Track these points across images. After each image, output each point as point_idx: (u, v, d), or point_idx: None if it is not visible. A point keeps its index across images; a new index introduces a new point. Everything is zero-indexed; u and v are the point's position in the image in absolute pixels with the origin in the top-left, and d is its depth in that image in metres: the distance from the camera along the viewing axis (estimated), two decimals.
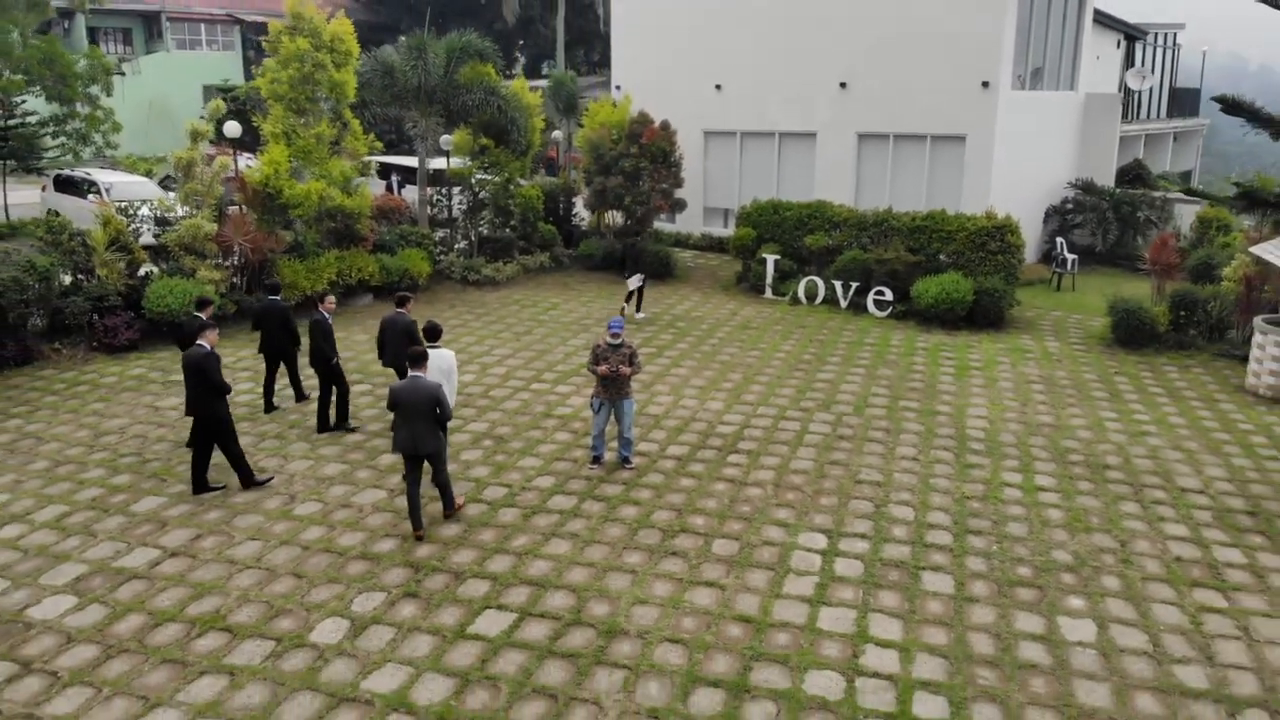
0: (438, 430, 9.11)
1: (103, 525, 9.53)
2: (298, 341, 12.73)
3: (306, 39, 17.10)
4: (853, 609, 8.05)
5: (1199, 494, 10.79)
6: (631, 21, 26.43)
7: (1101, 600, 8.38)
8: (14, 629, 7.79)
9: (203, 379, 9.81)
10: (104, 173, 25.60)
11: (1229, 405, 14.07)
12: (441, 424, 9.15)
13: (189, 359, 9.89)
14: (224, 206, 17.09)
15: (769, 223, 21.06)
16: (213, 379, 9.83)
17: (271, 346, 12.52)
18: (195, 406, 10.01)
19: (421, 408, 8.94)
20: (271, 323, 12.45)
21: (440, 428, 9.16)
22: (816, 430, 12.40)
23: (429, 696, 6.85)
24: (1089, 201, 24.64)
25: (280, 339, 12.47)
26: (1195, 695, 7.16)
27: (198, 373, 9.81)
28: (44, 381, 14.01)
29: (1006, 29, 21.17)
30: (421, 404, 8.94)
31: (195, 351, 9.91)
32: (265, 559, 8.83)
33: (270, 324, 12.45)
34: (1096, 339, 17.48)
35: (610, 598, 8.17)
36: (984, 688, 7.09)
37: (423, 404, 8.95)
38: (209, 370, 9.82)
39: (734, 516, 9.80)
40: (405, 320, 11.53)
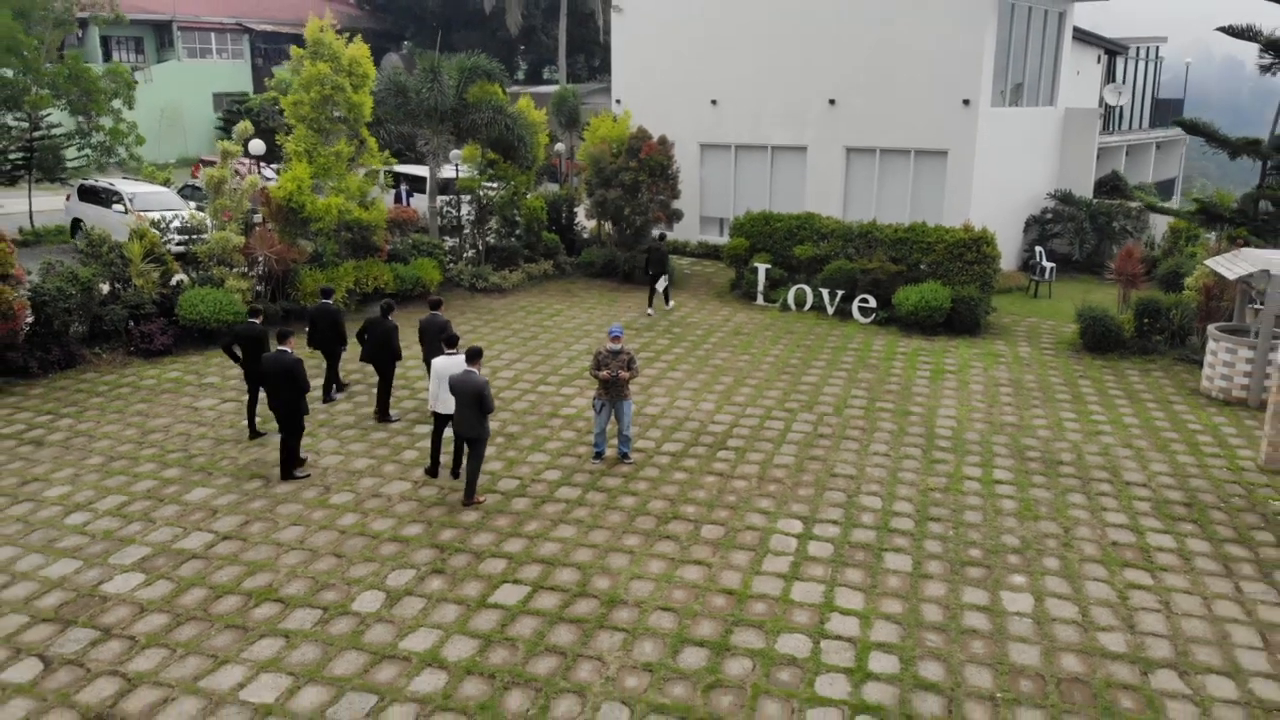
0: (483, 419, 10.58)
1: (160, 513, 10.72)
2: (344, 340, 14.22)
3: (327, 63, 18.26)
4: (821, 584, 9.24)
5: (1141, 487, 11.98)
6: (632, 40, 27.62)
7: (1041, 578, 9.57)
8: (91, 602, 8.97)
9: (290, 379, 11.15)
10: (127, 183, 26.75)
11: (1182, 406, 15.26)
12: (485, 414, 10.57)
13: (279, 362, 11.18)
14: (250, 220, 18.26)
15: (761, 233, 22.24)
16: (299, 379, 11.22)
17: (322, 343, 14.09)
18: (280, 402, 11.30)
19: (469, 398, 10.41)
20: (323, 322, 14.01)
21: (484, 417, 10.60)
22: (799, 429, 13.59)
23: (457, 654, 8.04)
24: (1067, 212, 25.84)
25: (329, 337, 14.04)
26: (1114, 657, 8.34)
27: (287, 373, 11.13)
28: (88, 384, 15.19)
29: (986, 50, 22.37)
30: (469, 394, 10.41)
31: (284, 357, 11.21)
32: (307, 541, 10.02)
33: (322, 323, 14.01)
34: (1066, 345, 18.67)
35: (611, 573, 9.37)
36: (931, 649, 8.28)
37: (470, 395, 10.41)
38: (297, 373, 11.20)
39: (721, 505, 11.00)
40: (440, 320, 13.28)
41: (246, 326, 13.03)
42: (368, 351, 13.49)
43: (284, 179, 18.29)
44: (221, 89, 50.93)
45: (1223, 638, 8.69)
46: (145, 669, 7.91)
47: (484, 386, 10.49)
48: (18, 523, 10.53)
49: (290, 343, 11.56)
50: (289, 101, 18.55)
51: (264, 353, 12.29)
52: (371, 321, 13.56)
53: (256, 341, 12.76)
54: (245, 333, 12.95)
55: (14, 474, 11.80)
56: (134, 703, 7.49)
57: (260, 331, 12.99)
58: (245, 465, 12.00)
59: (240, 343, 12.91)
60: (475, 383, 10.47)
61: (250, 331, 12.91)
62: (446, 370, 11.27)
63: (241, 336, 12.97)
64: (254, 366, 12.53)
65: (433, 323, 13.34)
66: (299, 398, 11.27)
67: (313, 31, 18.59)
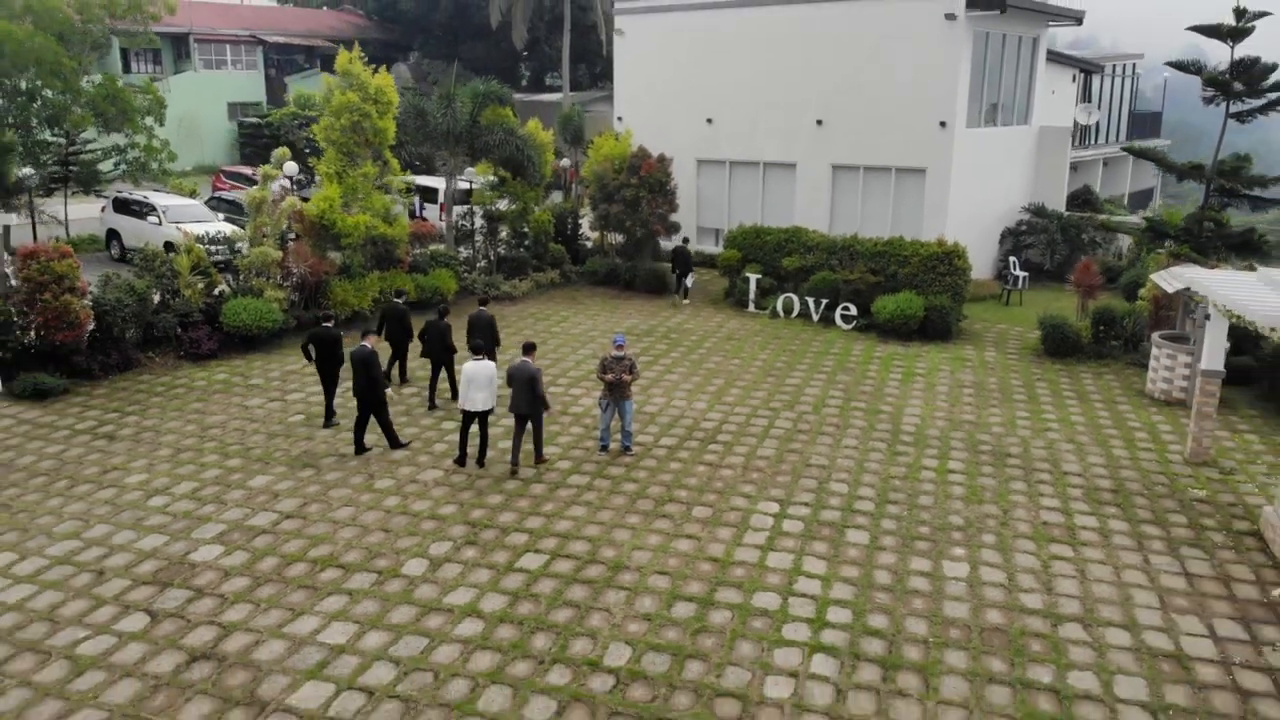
0: (535, 399, 13.00)
1: (228, 496, 12.51)
2: (411, 335, 16.56)
3: (355, 93, 20.03)
4: (791, 553, 11.03)
5: (1077, 476, 13.76)
6: (633, 61, 29.40)
7: (978, 550, 11.35)
8: (183, 569, 10.75)
9: (368, 370, 13.36)
10: (159, 195, 28.53)
11: (1126, 406, 17.04)
12: (537, 396, 12.93)
13: (357, 355, 13.47)
14: (286, 237, 20.04)
15: (752, 245, 24.03)
16: (373, 372, 13.46)
17: (392, 338, 16.42)
18: (361, 390, 13.52)
19: (523, 383, 12.96)
20: (394, 320, 16.38)
21: (536, 398, 12.87)
22: (780, 425, 15.38)
23: (491, 607, 9.83)
24: (1040, 224, 27.62)
25: (398, 333, 16.42)
26: (1031, 613, 10.11)
27: (364, 365, 13.32)
28: (145, 385, 16.97)
29: (961, 76, 24.14)
30: (524, 380, 12.95)
31: (363, 350, 13.46)
32: (358, 519, 11.81)
33: (393, 321, 16.34)
34: (1029, 350, 20.44)
35: (616, 545, 11.16)
36: (878, 604, 10.05)
37: (525, 380, 12.95)
38: (373, 364, 13.46)
39: (710, 490, 12.79)
40: (487, 316, 16.10)
41: (323, 330, 14.96)
42: (427, 348, 15.88)
43: (316, 198, 20.07)
44: (236, 99, 52.73)
45: (1126, 599, 10.47)
46: (236, 620, 9.69)
47: (536, 373, 13.01)
48: (106, 505, 12.31)
49: (370, 339, 13.83)
50: (320, 127, 20.33)
51: (336, 351, 14.68)
52: (430, 323, 15.92)
53: (331, 342, 14.77)
54: (321, 335, 14.87)
55: (95, 464, 13.57)
56: (231, 645, 9.27)
57: (334, 335, 14.97)
58: (297, 456, 13.79)
59: (316, 343, 14.80)
60: (529, 370, 12.97)
61: (325, 334, 14.85)
62: (475, 373, 13.07)
63: (317, 338, 14.87)
64: (327, 363, 14.76)
65: (480, 317, 16.14)
66: (373, 384, 13.48)
67: (343, 63, 20.37)
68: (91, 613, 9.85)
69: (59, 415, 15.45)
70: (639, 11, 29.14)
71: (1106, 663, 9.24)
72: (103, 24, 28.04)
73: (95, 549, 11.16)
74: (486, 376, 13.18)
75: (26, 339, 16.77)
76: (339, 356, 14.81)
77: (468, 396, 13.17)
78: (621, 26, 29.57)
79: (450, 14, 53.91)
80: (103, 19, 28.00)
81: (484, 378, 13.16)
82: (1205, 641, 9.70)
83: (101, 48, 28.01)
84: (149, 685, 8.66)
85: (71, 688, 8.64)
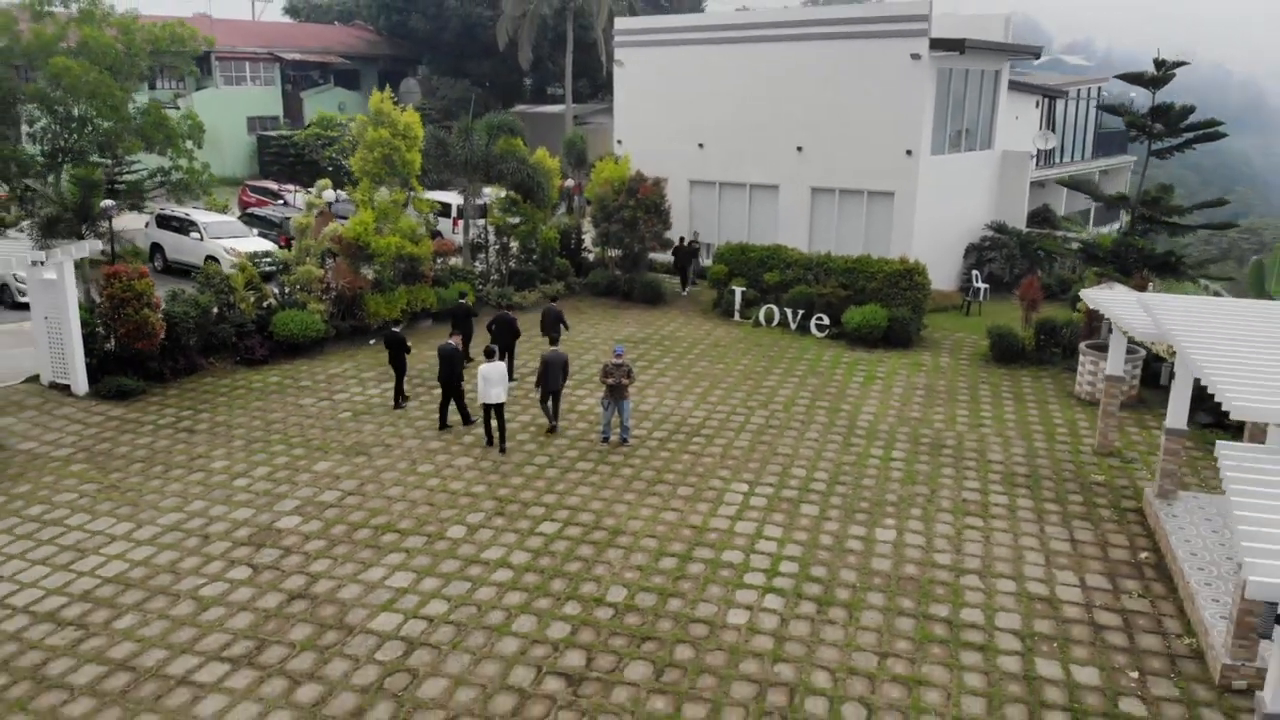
0: (564, 378, 17.22)
1: (298, 478, 15.28)
2: (518, 335, 19.99)
3: (386, 129, 22.79)
4: (755, 522, 13.81)
5: (999, 463, 16.53)
6: (632, 90, 32.18)
7: (906, 521, 14.13)
8: (271, 533, 13.51)
9: (452, 363, 16.81)
10: (200, 213, 31.34)
11: (1055, 406, 19.82)
12: (566, 375, 17.20)
13: (444, 350, 17.16)
14: (326, 256, 22.80)
15: (738, 261, 26.80)
16: (455, 365, 17.12)
17: (501, 342, 19.52)
18: (445, 379, 17.14)
19: (559, 365, 16.99)
20: (461, 318, 19.95)
21: (566, 377, 17.17)
22: (755, 421, 18.16)
23: (518, 560, 12.60)
24: (1001, 240, 30.39)
25: (506, 337, 19.63)
26: (939, 567, 12.87)
27: (449, 359, 16.81)
28: (209, 386, 19.74)
29: (925, 109, 26.91)
30: (560, 363, 17.00)
31: (447, 346, 17.22)
32: (407, 496, 14.59)
33: (503, 327, 19.81)
34: (980, 356, 23.21)
35: (615, 516, 13.93)
36: (820, 559, 12.83)
37: (560, 363, 16.99)
38: (456, 359, 17.16)
39: (692, 474, 15.57)
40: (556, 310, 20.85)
41: (390, 333, 18.58)
42: (496, 336, 19.52)
43: (353, 221, 22.83)
44: (254, 113, 55.51)
45: (1018, 558, 13.23)
46: (319, 570, 12.46)
47: (566, 357, 17.40)
48: (199, 485, 15.08)
49: (455, 338, 17.40)
50: (356, 159, 23.11)
51: (402, 349, 18.22)
52: (498, 317, 20.04)
53: (397, 343, 18.36)
54: (389, 337, 18.52)
55: (182, 453, 16.35)
56: (319, 588, 12.04)
57: (400, 337, 18.49)
58: (350, 446, 16.57)
59: (386, 343, 18.57)
60: (563, 355, 17.25)
61: (392, 337, 18.47)
62: (489, 373, 16.03)
63: (387, 339, 18.62)
64: (396, 358, 18.39)
65: (549, 312, 20.57)
66: (454, 374, 16.94)
67: (375, 103, 23.13)
68: (204, 566, 12.63)
69: (141, 412, 18.22)
70: (637, 45, 31.93)
71: (992, 603, 12.01)
72: (147, 57, 30.76)
73: (197, 519, 13.93)
74: (499, 374, 16.20)
75: (108, 347, 19.54)
76: (404, 354, 18.51)
77: (486, 392, 16.04)
78: (621, 58, 32.35)
79: (458, 33, 56.61)
80: (146, 52, 30.73)
81: (497, 376, 16.18)
82: (1075, 590, 12.46)
83: (147, 78, 30.65)
84: (261, 616, 11.43)
85: (201, 619, 11.41)
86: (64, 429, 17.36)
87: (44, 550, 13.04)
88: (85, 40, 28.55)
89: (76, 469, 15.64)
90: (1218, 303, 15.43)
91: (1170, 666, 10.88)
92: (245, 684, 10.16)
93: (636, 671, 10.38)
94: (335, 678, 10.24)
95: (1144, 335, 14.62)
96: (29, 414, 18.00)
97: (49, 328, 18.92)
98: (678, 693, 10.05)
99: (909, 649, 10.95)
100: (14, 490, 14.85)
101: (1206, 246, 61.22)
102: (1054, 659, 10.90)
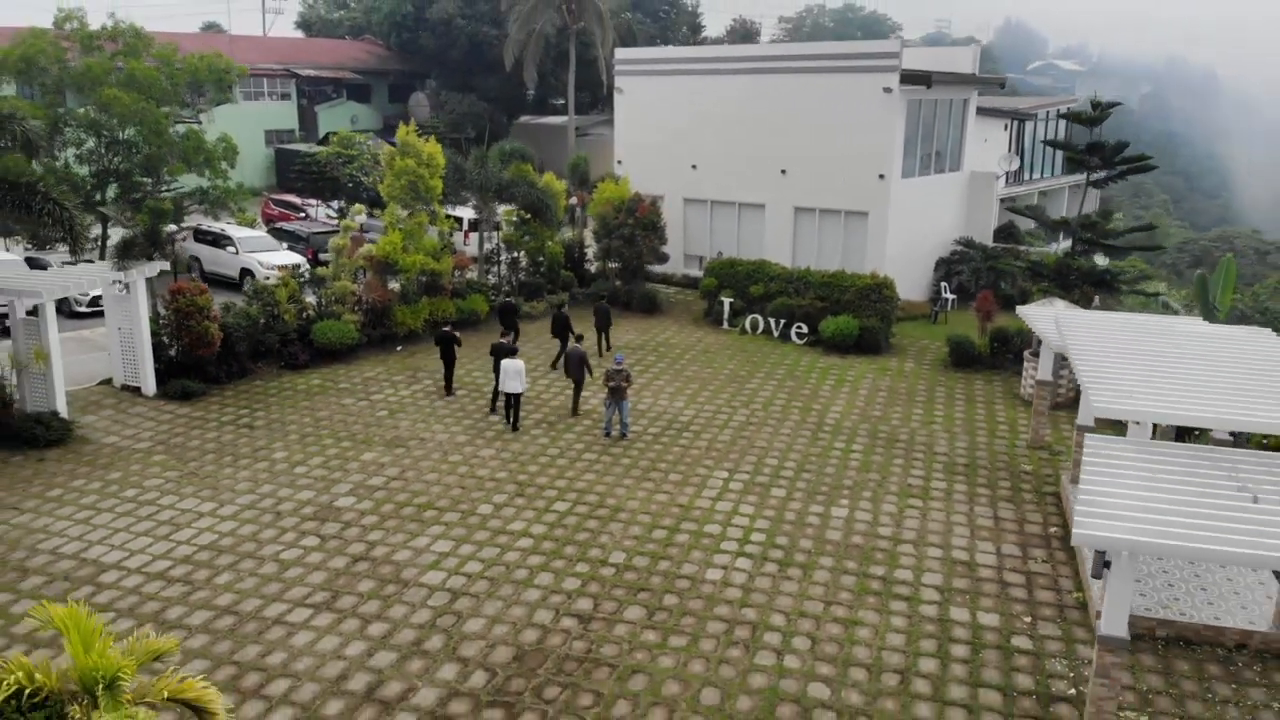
0: (585, 372, 20.66)
1: (348, 466, 18.10)
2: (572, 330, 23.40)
3: (412, 159, 25.61)
4: (732, 503, 16.64)
5: (943, 455, 19.37)
6: (631, 114, 35.04)
7: (858, 501, 16.96)
8: (331, 510, 16.33)
9: (583, 362, 20.67)
10: (234, 228, 34.11)
11: (1000, 406, 22.66)
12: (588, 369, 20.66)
13: (574, 354, 20.91)
14: (357, 272, 25.63)
15: (726, 274, 29.63)
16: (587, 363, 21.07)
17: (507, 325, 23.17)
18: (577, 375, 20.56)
19: (577, 360, 20.58)
20: (560, 325, 24.10)
21: (586, 371, 20.64)
22: (737, 419, 20.99)
23: (537, 531, 15.45)
24: (969, 254, 33.22)
25: (512, 323, 23.42)
26: (881, 538, 15.69)
27: (580, 360, 20.53)
28: (260, 389, 22.55)
29: (896, 137, 29.74)
30: (578, 358, 20.75)
31: (577, 349, 20.96)
32: (442, 480, 17.43)
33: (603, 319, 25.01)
34: (940, 362, 26.04)
35: (616, 497, 16.78)
36: (784, 532, 15.66)
37: (578, 359, 20.73)
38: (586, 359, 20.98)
39: (682, 463, 18.40)
40: (604, 307, 25.15)
41: (442, 332, 22.15)
42: (555, 329, 24.14)
43: (382, 242, 25.65)
44: (272, 126, 58.38)
45: (947, 532, 16.06)
46: (375, 539, 15.29)
47: (585, 353, 20.97)
48: (265, 472, 17.90)
49: (510, 336, 20.99)
50: (385, 186, 25.93)
51: (452, 345, 21.72)
52: (555, 314, 24.53)
53: (448, 340, 21.97)
54: (441, 335, 22.12)
55: (246, 445, 19.16)
56: (376, 552, 14.87)
57: (451, 335, 22.02)
58: (390, 440, 19.40)
59: (438, 340, 22.14)
60: (581, 352, 20.89)
61: (444, 335, 22.15)
62: (508, 367, 19.49)
63: (439, 336, 22.20)
64: (447, 353, 21.94)
65: (600, 308, 25.19)
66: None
67: (403, 135, 25.96)
68: (280, 536, 15.46)
69: (205, 411, 21.05)
70: (637, 74, 34.78)
71: (921, 566, 14.85)
72: (186, 87, 33.60)
73: (268, 499, 16.76)
74: (516, 370, 19.39)
75: (171, 353, 22.35)
76: (454, 348, 22.10)
77: (505, 384, 19.37)
78: (621, 85, 35.20)
79: (465, 50, 59.46)
80: (186, 82, 33.58)
81: (514, 370, 19.36)
82: (991, 556, 15.30)
83: (188, 106, 33.52)
84: (332, 574, 14.27)
85: (284, 576, 14.23)
86: (140, 425, 20.18)
87: (144, 525, 15.86)
88: (132, 73, 31.41)
89: (158, 459, 18.46)
90: (1121, 319, 18.24)
91: (1059, 614, 13.72)
92: (326, 623, 13.00)
93: (633, 614, 13.23)
94: (397, 618, 13.08)
95: (1057, 347, 17.45)
96: (107, 413, 20.81)
97: (121, 337, 21.73)
98: (665, 629, 12.89)
99: (849, 599, 13.79)
100: (108, 477, 17.66)
101: (1180, 254, 64.10)
102: (965, 608, 13.74)
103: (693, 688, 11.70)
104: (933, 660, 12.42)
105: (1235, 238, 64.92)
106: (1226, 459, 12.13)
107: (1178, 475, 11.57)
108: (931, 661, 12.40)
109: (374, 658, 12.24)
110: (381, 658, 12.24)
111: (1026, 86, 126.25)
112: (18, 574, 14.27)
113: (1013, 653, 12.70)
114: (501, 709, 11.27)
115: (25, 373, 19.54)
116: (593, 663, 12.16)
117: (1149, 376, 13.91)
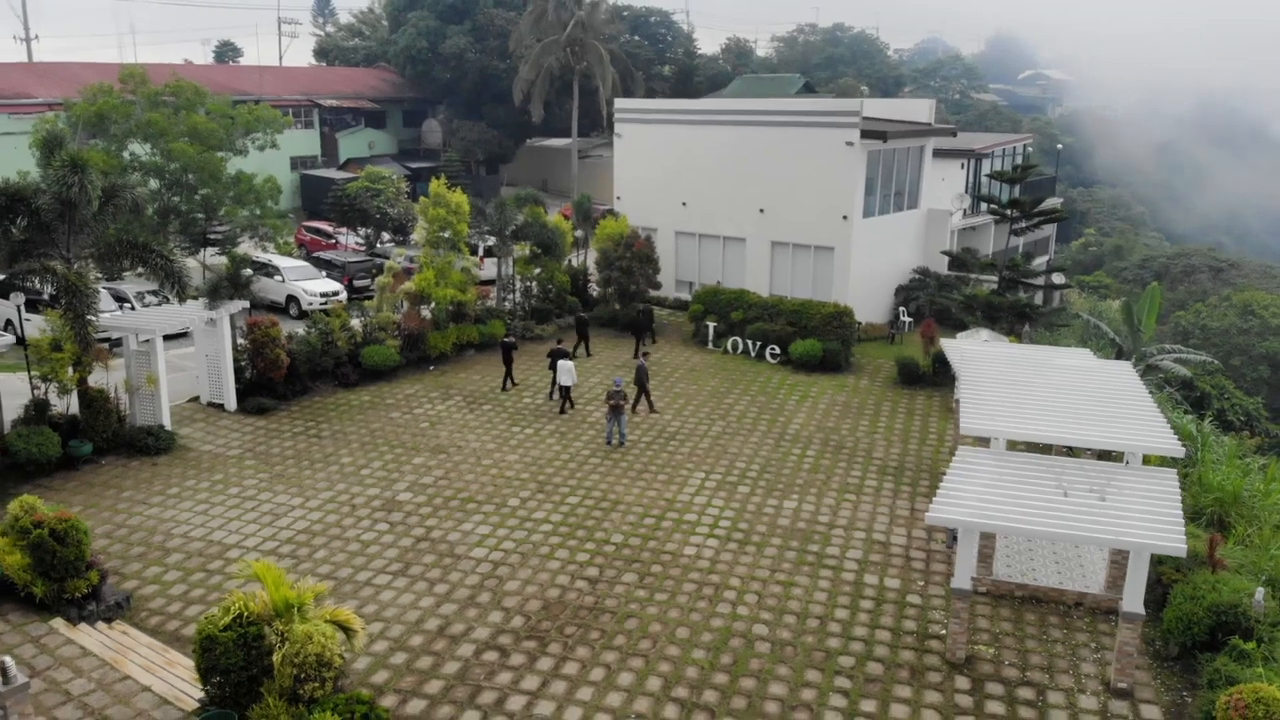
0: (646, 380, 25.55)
1: (403, 468, 22.77)
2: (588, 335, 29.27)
3: (443, 209, 30.30)
4: (706, 497, 21.35)
5: (879, 459, 24.05)
6: (628, 155, 39.76)
7: (805, 496, 21.64)
8: (394, 503, 21.01)
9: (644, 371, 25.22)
10: (280, 258, 38.77)
11: (934, 418, 27.34)
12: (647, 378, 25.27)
13: (557, 353, 25.55)
14: (397, 304, 30.32)
15: (711, 301, 34.31)
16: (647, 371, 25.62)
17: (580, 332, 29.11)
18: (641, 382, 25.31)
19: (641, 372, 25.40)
20: (581, 324, 29.29)
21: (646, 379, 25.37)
22: (715, 429, 25.69)
23: (555, 519, 20.15)
24: (925, 282, 37.89)
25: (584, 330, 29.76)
26: (819, 524, 20.36)
27: (643, 371, 25.19)
28: (320, 405, 27.23)
29: (857, 183, 34.40)
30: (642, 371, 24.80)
31: (560, 348, 25.30)
32: (478, 480, 22.12)
33: (582, 328, 29.14)
34: (890, 380, 30.71)
35: (616, 492, 21.48)
36: (745, 519, 20.35)
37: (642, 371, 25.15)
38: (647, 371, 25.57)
39: (668, 466, 23.10)
40: (649, 312, 30.23)
41: (504, 341, 27.89)
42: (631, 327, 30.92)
43: (418, 279, 30.33)
44: (296, 153, 63.04)
45: (873, 519, 20.73)
46: (431, 524, 19.97)
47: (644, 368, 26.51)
48: (337, 473, 22.57)
49: (563, 342, 25.97)
50: (419, 230, 30.65)
51: (512, 350, 27.38)
52: (578, 318, 31.07)
53: (508, 347, 27.62)
54: (502, 342, 27.87)
55: (318, 452, 23.83)
56: (434, 534, 19.55)
57: (511, 343, 27.82)
58: (434, 448, 24.08)
59: (501, 347, 27.56)
60: (643, 366, 26.17)
61: (504, 343, 27.73)
62: (564, 366, 25.42)
63: (501, 343, 27.80)
64: (506, 358, 27.59)
65: (580, 319, 31.38)
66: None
67: (435, 187, 30.65)
68: (358, 523, 20.12)
69: (278, 424, 25.72)
70: (634, 121, 39.50)
71: (847, 545, 19.53)
72: (242, 137, 38.37)
73: (343, 495, 21.44)
74: (568, 369, 25.36)
75: (248, 375, 27.01)
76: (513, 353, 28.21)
77: (560, 378, 25.73)
78: (620, 132, 39.92)
79: (475, 81, 64.17)
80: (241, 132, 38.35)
81: (566, 369, 25.32)
82: (903, 538, 19.96)
83: (241, 153, 38.29)
84: (401, 549, 18.95)
85: (366, 551, 18.91)
86: (228, 436, 24.85)
87: (250, 515, 20.52)
88: (195, 126, 36.13)
89: (250, 464, 23.14)
90: (1016, 352, 22.92)
91: (945, 581, 18.38)
92: (403, 585, 17.68)
93: (629, 578, 17.93)
94: (454, 581, 17.77)
95: (959, 374, 22.12)
96: (200, 425, 25.49)
97: (209, 363, 26.39)
98: (652, 588, 17.59)
99: (790, 568, 18.49)
100: (213, 478, 22.33)
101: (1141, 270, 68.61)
102: (875, 575, 18.42)
103: (670, 627, 16.40)
104: (845, 610, 17.12)
105: (1193, 254, 69.38)
106: (1057, 465, 16.82)
107: (1015, 477, 16.26)
108: (844, 611, 17.09)
109: (440, 608, 16.93)
110: (446, 608, 16.94)
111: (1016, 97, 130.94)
112: (162, 552, 18.94)
113: (906, 606, 17.39)
114: (535, 640, 15.97)
115: (136, 393, 24.20)
116: (599, 611, 16.85)
117: (1014, 401, 18.60)
